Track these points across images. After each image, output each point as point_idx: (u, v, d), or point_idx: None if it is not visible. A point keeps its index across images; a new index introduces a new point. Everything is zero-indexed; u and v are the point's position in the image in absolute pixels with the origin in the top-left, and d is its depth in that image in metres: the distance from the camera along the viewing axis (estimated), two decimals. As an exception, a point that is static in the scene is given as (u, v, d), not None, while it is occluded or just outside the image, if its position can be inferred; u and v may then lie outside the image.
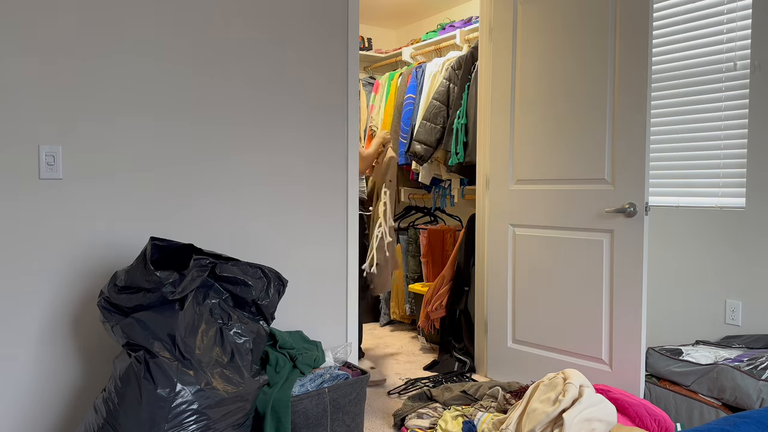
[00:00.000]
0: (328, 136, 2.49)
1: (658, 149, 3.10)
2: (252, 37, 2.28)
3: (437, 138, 3.65)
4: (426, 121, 3.67)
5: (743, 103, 2.78)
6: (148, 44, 2.08)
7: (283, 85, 2.36)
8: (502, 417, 2.09)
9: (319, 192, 2.48)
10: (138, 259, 1.77)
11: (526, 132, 2.93)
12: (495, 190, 3.09)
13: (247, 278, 1.88)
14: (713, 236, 2.88)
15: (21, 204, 1.90)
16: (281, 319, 2.41)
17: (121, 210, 2.06)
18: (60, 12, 1.93)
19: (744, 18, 2.77)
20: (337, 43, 2.49)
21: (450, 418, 2.30)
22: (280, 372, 2.03)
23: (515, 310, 3.00)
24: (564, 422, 1.82)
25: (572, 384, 1.92)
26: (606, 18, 2.59)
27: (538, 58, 2.87)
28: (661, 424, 2.13)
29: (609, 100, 2.60)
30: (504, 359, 3.06)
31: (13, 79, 1.88)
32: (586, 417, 1.85)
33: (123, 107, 2.05)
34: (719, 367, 2.29)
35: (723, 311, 2.85)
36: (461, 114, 3.49)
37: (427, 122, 3.66)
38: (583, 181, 2.71)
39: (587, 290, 2.69)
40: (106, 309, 1.76)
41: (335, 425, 2.08)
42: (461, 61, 3.58)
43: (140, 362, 1.67)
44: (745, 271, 2.77)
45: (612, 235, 2.60)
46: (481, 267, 3.20)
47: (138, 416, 1.62)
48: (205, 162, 2.21)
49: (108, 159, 2.03)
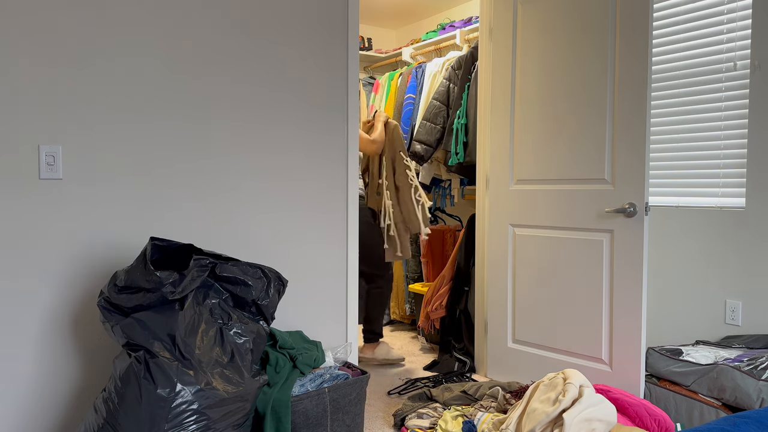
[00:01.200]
0: (329, 133, 2.49)
1: (658, 149, 3.10)
2: (252, 36, 2.28)
3: (437, 138, 3.66)
4: (426, 121, 3.67)
5: (743, 103, 2.78)
6: (149, 44, 2.08)
7: (284, 84, 2.36)
8: (502, 417, 2.09)
9: (319, 191, 2.48)
10: (138, 259, 1.77)
11: (526, 132, 2.93)
12: (495, 190, 3.09)
13: (247, 278, 1.88)
14: (713, 236, 2.88)
15: (21, 204, 1.90)
16: (281, 319, 2.41)
17: (122, 210, 2.06)
18: (60, 12, 1.93)
19: (744, 18, 2.77)
20: (338, 43, 2.49)
21: (450, 418, 2.30)
22: (280, 372, 2.03)
23: (515, 310, 3.00)
24: (564, 422, 1.82)
25: (572, 384, 1.92)
26: (606, 18, 2.59)
27: (538, 58, 2.87)
28: (661, 424, 2.13)
29: (609, 100, 2.60)
30: (504, 359, 3.06)
31: (13, 79, 1.88)
32: (586, 417, 1.85)
33: (123, 107, 2.05)
34: (719, 367, 2.29)
35: (723, 311, 2.85)
36: (461, 114, 3.50)
37: (427, 122, 3.67)
38: (583, 181, 2.71)
39: (587, 290, 2.69)
40: (106, 309, 1.76)
41: (335, 425, 2.08)
42: (461, 61, 3.59)
43: (140, 362, 1.67)
44: (745, 271, 2.77)
45: (612, 235, 2.60)
46: (481, 267, 3.20)
47: (138, 416, 1.62)
48: (205, 161, 2.21)
49: (108, 159, 2.03)
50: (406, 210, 3.29)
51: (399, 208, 3.30)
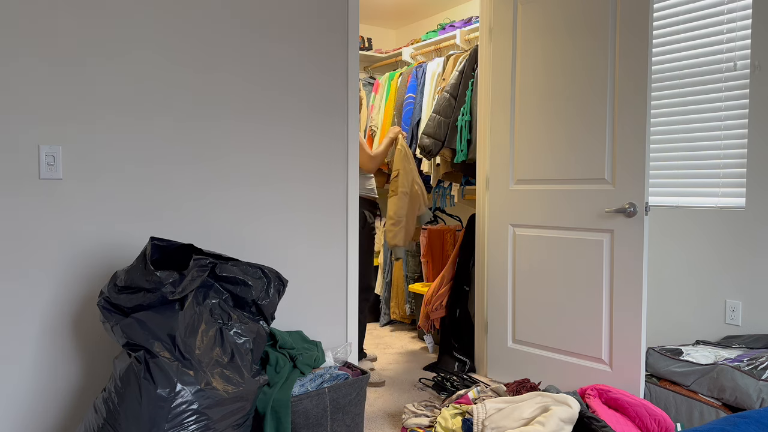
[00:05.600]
0: (328, 134, 2.49)
1: (658, 149, 3.10)
2: (253, 36, 2.28)
3: (446, 132, 3.55)
4: (436, 114, 3.57)
5: (743, 103, 2.78)
6: (149, 44, 2.08)
7: (284, 84, 2.36)
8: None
9: (320, 191, 2.48)
10: (138, 259, 1.77)
11: (526, 132, 2.93)
12: (495, 190, 3.08)
13: (247, 278, 1.88)
14: (713, 236, 2.88)
15: (21, 204, 1.90)
16: (281, 319, 2.41)
17: (122, 210, 2.06)
18: (60, 12, 1.93)
19: (744, 18, 2.77)
20: (338, 42, 2.49)
21: (449, 416, 2.30)
22: (280, 372, 2.03)
23: (515, 310, 3.00)
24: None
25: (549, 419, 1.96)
26: (606, 18, 2.59)
27: (538, 58, 2.87)
28: (661, 424, 2.13)
29: (609, 100, 2.60)
30: (504, 359, 3.06)
31: (13, 79, 1.88)
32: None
33: (123, 107, 2.05)
34: (719, 367, 2.29)
35: (723, 311, 2.85)
36: (465, 111, 3.45)
37: (437, 115, 3.55)
38: (583, 181, 2.71)
39: (587, 290, 2.69)
40: (106, 309, 1.76)
41: (335, 425, 2.08)
42: (474, 55, 3.52)
43: (140, 362, 1.67)
44: (745, 271, 2.77)
45: (612, 235, 2.60)
46: (481, 267, 3.20)
47: (138, 416, 1.62)
48: (206, 161, 2.21)
49: (108, 159, 2.03)
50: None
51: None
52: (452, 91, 3.54)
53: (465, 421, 2.17)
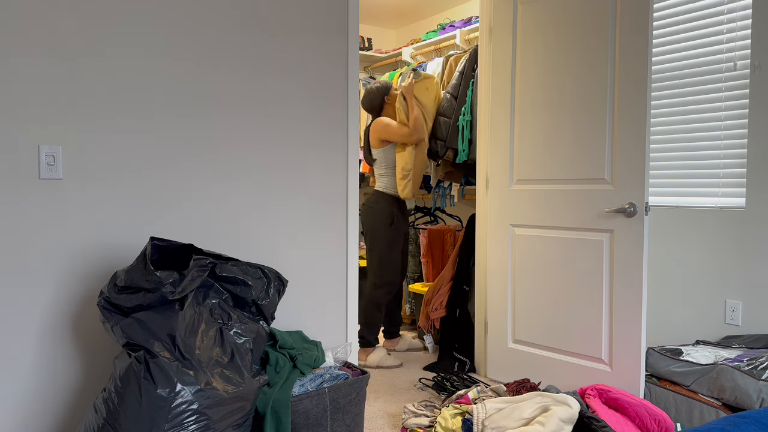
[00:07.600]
0: (328, 133, 2.49)
1: (658, 149, 3.10)
2: (253, 36, 2.28)
3: (447, 132, 3.52)
4: (440, 116, 3.54)
5: (743, 103, 2.78)
6: (149, 43, 2.08)
7: (284, 83, 2.36)
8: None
9: (320, 192, 2.48)
10: (138, 259, 1.77)
11: (526, 132, 2.93)
12: (495, 190, 3.08)
13: (247, 278, 1.88)
14: (713, 236, 2.88)
15: (21, 204, 1.90)
16: (281, 319, 2.41)
17: (122, 209, 2.06)
18: (60, 12, 1.93)
19: (744, 18, 2.78)
20: (338, 41, 2.49)
21: (449, 416, 2.30)
22: (280, 372, 2.03)
23: (515, 310, 3.00)
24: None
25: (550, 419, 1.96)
26: (606, 18, 2.59)
27: (538, 58, 2.87)
28: (661, 424, 2.13)
29: (609, 100, 2.60)
30: (504, 359, 3.06)
31: (13, 79, 1.88)
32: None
33: (123, 106, 2.05)
34: (719, 367, 2.29)
35: (723, 311, 2.85)
36: (466, 111, 3.45)
37: (441, 117, 3.54)
38: (583, 181, 2.71)
39: (587, 290, 2.69)
40: (106, 309, 1.76)
41: (335, 425, 2.08)
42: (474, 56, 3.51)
43: (140, 362, 1.67)
44: (745, 271, 2.77)
45: (612, 235, 2.60)
46: (481, 267, 3.20)
47: (138, 416, 1.62)
48: (205, 161, 2.21)
49: (108, 159, 2.03)
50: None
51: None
52: (453, 91, 3.54)
53: (465, 421, 2.17)
